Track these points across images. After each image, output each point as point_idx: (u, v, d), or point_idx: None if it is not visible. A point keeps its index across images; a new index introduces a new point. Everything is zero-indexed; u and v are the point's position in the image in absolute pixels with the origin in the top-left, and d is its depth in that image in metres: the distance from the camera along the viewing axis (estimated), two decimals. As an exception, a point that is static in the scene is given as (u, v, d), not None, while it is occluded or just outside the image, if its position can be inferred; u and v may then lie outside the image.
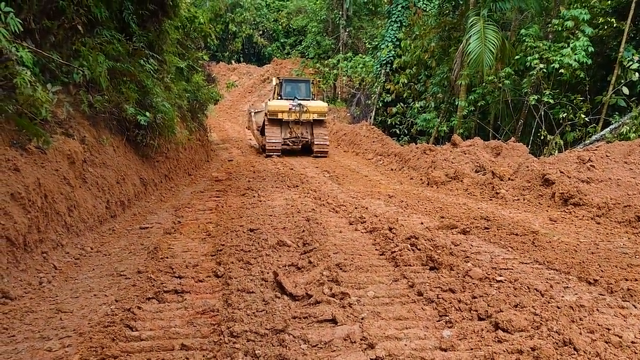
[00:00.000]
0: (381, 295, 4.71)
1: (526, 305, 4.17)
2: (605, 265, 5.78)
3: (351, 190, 12.39)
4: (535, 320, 3.86)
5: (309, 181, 13.79)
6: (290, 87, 22.21)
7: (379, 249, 6.38)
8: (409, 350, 3.51)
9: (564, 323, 3.83)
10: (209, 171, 17.10)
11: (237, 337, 3.75)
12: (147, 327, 4.07)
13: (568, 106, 16.39)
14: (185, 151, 16.34)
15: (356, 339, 3.66)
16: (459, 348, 3.58)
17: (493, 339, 3.66)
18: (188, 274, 5.53)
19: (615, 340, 3.55)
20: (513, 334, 3.71)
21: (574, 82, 16.77)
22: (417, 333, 3.85)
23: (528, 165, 11.37)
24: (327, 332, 3.80)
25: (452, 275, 5.19)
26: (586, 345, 3.40)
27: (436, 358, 3.42)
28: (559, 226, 8.13)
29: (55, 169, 7.21)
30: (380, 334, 3.79)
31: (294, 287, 4.65)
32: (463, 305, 4.30)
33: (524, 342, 3.53)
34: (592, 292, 4.85)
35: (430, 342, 3.68)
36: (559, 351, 3.36)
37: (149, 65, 12.19)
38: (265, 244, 6.54)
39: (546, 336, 3.61)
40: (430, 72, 23.44)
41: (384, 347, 3.55)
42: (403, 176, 15.80)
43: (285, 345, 3.59)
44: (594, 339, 3.52)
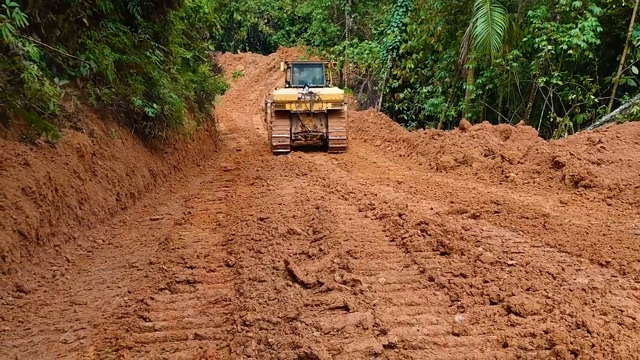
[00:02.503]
0: (392, 282, 4.71)
1: (538, 288, 4.16)
2: (617, 247, 5.75)
3: (360, 177, 12.39)
4: (548, 304, 3.86)
5: (317, 169, 13.78)
6: (301, 72, 19.82)
7: (389, 235, 6.38)
8: (421, 336, 3.51)
9: (576, 305, 3.82)
10: (217, 161, 17.14)
11: (249, 325, 3.77)
12: (161, 318, 4.10)
13: (577, 87, 16.26)
14: (193, 142, 16.38)
15: (368, 326, 3.67)
16: (472, 332, 3.58)
17: (506, 323, 3.65)
18: (199, 264, 5.55)
19: (628, 322, 3.54)
20: (526, 318, 3.70)
21: (582, 63, 16.64)
22: (429, 318, 3.85)
23: (537, 148, 11.31)
24: (339, 319, 3.81)
25: (463, 260, 5.19)
26: (599, 327, 3.39)
27: (449, 343, 3.43)
28: (569, 209, 8.10)
29: (65, 163, 7.24)
30: (392, 320, 3.79)
31: (305, 275, 4.66)
32: (475, 290, 4.30)
33: (537, 326, 3.53)
34: (605, 274, 4.83)
35: (443, 327, 3.68)
36: (572, 334, 3.35)
37: (155, 57, 12.20)
38: (276, 232, 6.55)
39: (559, 319, 3.60)
40: (437, 57, 23.29)
41: (397, 332, 3.56)
42: (412, 162, 15.77)
43: (297, 333, 3.60)
44: (607, 321, 3.50)
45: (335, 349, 3.33)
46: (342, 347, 3.35)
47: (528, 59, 17.87)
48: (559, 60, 16.72)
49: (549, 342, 3.27)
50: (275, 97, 17.66)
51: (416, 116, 24.23)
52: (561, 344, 3.19)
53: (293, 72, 19.64)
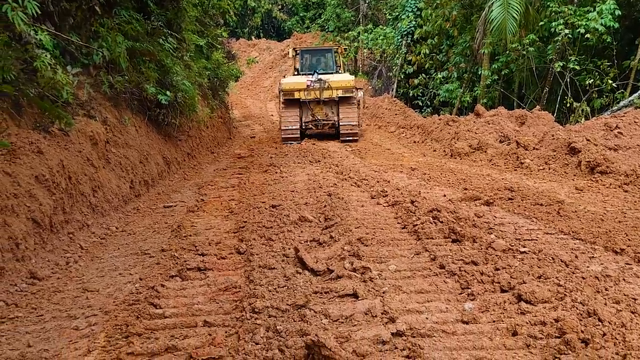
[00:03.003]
0: (403, 269, 4.69)
1: (550, 276, 4.12)
2: (633, 234, 5.68)
3: (373, 164, 12.34)
4: (559, 292, 3.82)
5: (330, 156, 13.75)
6: (310, 58, 19.10)
7: (401, 223, 6.35)
8: (430, 324, 3.50)
9: (588, 294, 3.78)
10: (231, 148, 17.18)
11: (258, 313, 3.78)
12: (171, 305, 4.12)
13: (594, 72, 16.01)
14: (207, 129, 16.41)
15: (377, 313, 3.66)
16: (481, 320, 3.56)
17: (516, 311, 3.62)
18: (211, 251, 5.57)
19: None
20: (536, 306, 3.67)
21: (600, 47, 16.37)
22: (439, 306, 3.83)
23: (553, 134, 11.17)
24: (348, 306, 3.81)
25: (475, 248, 5.15)
26: (611, 315, 3.35)
27: (458, 331, 3.41)
28: (585, 195, 8.00)
29: (78, 151, 7.29)
30: (401, 307, 3.78)
31: (315, 262, 4.66)
32: (485, 278, 4.26)
33: (547, 314, 3.50)
34: (619, 261, 4.77)
35: (452, 315, 3.66)
36: (583, 322, 3.31)
37: (168, 44, 12.21)
38: (287, 219, 6.55)
39: (570, 307, 3.56)
40: (452, 42, 23.02)
41: (405, 320, 3.54)
42: (426, 148, 15.68)
43: (306, 321, 3.60)
44: (619, 310, 3.46)
45: (344, 337, 3.32)
46: (350, 335, 3.34)
47: (545, 43, 17.61)
48: (577, 44, 16.46)
49: (559, 331, 3.24)
50: (284, 85, 17.01)
51: (431, 102, 24.01)
52: (572, 333, 3.16)
53: (302, 58, 19.00)
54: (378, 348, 3.21)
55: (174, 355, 3.29)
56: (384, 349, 3.20)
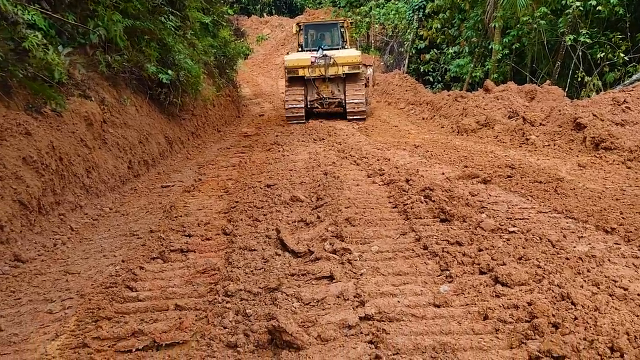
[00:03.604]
0: (385, 250, 4.60)
1: (531, 257, 4.01)
2: (628, 212, 5.53)
3: (378, 141, 12.21)
4: (538, 274, 3.71)
5: (337, 134, 13.63)
6: (314, 33, 18.07)
7: (393, 202, 6.26)
8: (400, 307, 3.42)
9: (567, 276, 3.67)
10: (239, 127, 17.11)
11: (231, 296, 3.73)
12: (147, 288, 4.09)
13: (606, 45, 15.61)
14: (214, 108, 16.34)
15: (349, 296, 3.59)
16: (454, 304, 3.47)
17: (491, 294, 3.53)
18: (198, 232, 5.53)
19: (619, 293, 3.38)
20: (513, 288, 3.57)
21: (613, 19, 15.94)
22: (414, 289, 3.75)
23: (560, 109, 10.93)
24: (322, 289, 3.74)
25: (463, 227, 5.04)
26: (585, 299, 3.24)
27: (428, 315, 3.32)
28: (587, 172, 7.83)
29: (71, 132, 7.26)
30: (375, 290, 3.70)
31: (296, 243, 4.59)
32: (467, 259, 4.17)
33: (522, 297, 3.40)
34: (608, 241, 4.64)
35: (425, 298, 3.57)
36: (555, 306, 3.21)
37: (170, 23, 12.10)
38: (279, 199, 6.49)
39: (546, 290, 3.46)
40: (464, 16, 22.62)
41: (376, 304, 3.47)
42: (434, 125, 15.48)
43: (277, 304, 3.55)
44: (594, 292, 3.35)
45: (310, 321, 3.26)
46: (316, 319, 3.28)
47: (557, 16, 17.21)
48: (589, 17, 16.05)
49: (530, 315, 3.15)
50: (287, 62, 16.28)
51: (442, 78, 23.69)
52: (542, 317, 3.07)
53: (306, 33, 17.93)
54: (344, 333, 3.15)
55: (138, 339, 3.26)
56: (349, 334, 3.13)
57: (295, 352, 2.94)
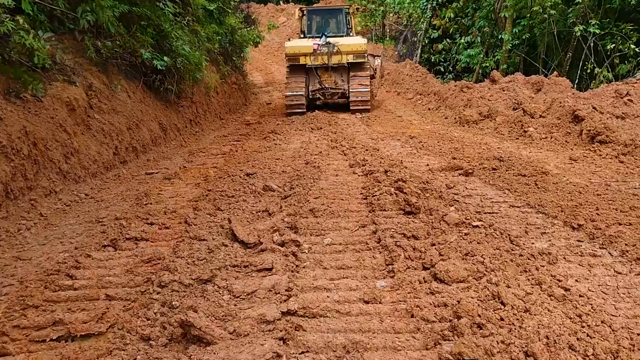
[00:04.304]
0: (337, 243, 4.47)
1: (478, 254, 3.85)
2: (605, 208, 5.33)
3: (376, 131, 12.04)
4: (479, 271, 3.56)
5: (337, 123, 13.49)
6: (317, 19, 17.04)
7: (364, 193, 6.11)
8: (327, 303, 3.29)
9: (510, 274, 3.52)
10: (243, 115, 17.03)
11: (163, 287, 3.64)
12: (86, 276, 4.01)
13: (617, 36, 15.18)
14: (217, 95, 16.26)
15: (280, 290, 3.48)
16: (384, 300, 3.34)
17: (425, 291, 3.39)
18: (160, 220, 5.45)
19: (558, 294, 3.22)
20: (450, 285, 3.43)
21: (626, 9, 15.50)
22: (350, 284, 3.62)
23: (561, 101, 10.65)
24: (255, 282, 3.63)
25: (426, 221, 4.89)
26: (517, 299, 3.08)
27: (353, 311, 3.20)
28: (576, 166, 7.60)
29: (51, 117, 7.21)
30: (309, 284, 3.59)
31: (247, 234, 4.48)
32: (416, 254, 4.02)
33: (454, 295, 3.26)
34: (571, 238, 4.46)
35: (357, 294, 3.44)
36: (483, 305, 3.07)
37: (168, 9, 12.02)
38: (251, 188, 6.38)
39: (482, 288, 3.31)
40: (477, 5, 22.21)
41: (304, 298, 3.35)
42: (438, 115, 15.24)
43: (205, 296, 3.45)
44: (529, 292, 3.19)
45: (231, 315, 3.16)
46: (237, 313, 3.18)
47: (569, 6, 16.79)
48: (601, 7, 15.62)
49: (455, 314, 3.00)
50: (287, 49, 15.36)
51: (453, 68, 23.32)
52: (466, 317, 2.93)
53: (309, 19, 16.90)
54: (260, 328, 3.04)
55: (54, 329, 3.18)
56: (265, 330, 3.02)
57: (203, 347, 2.84)
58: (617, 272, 3.71)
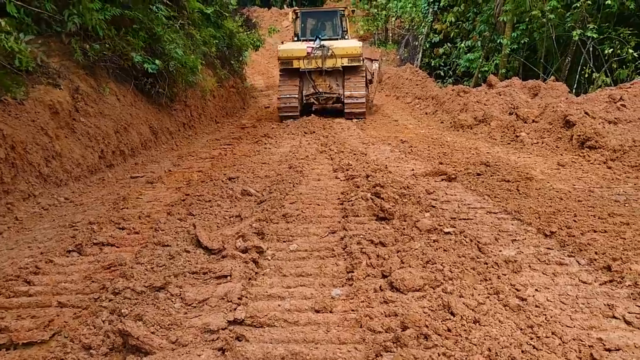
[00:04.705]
0: (303, 249, 4.40)
1: (438, 262, 3.76)
2: (583, 214, 5.23)
3: (370, 136, 11.96)
4: (437, 279, 3.47)
5: (332, 127, 13.44)
6: (311, 22, 16.72)
7: (342, 199, 6.03)
8: (276, 312, 3.21)
9: (468, 283, 3.43)
10: (240, 119, 16.99)
11: (117, 294, 3.57)
12: (43, 282, 3.95)
13: (615, 41, 15.02)
14: (214, 99, 16.22)
15: (233, 298, 3.40)
16: (335, 310, 3.26)
17: (379, 300, 3.31)
18: (132, 225, 5.39)
19: (514, 304, 3.14)
20: (406, 294, 3.34)
21: (626, 14, 15.34)
22: (306, 292, 3.54)
23: (554, 106, 10.55)
24: (209, 289, 3.55)
25: (398, 227, 4.80)
26: (468, 309, 3.00)
27: (301, 321, 3.12)
28: (563, 171, 7.50)
29: (32, 120, 7.18)
30: (262, 292, 3.51)
31: (211, 240, 4.41)
32: (379, 261, 3.94)
33: (407, 305, 3.17)
34: (541, 245, 4.37)
35: (310, 303, 3.36)
36: (433, 316, 2.98)
37: (161, 12, 12.00)
38: (229, 193, 6.32)
39: (436, 298, 3.23)
40: (479, 9, 22.08)
41: (255, 307, 3.28)
42: (435, 120, 15.14)
43: (156, 304, 3.38)
44: (481, 302, 3.11)
45: (176, 324, 3.09)
46: (182, 322, 3.10)
47: (568, 10, 16.65)
48: (600, 11, 15.47)
49: (402, 325, 2.92)
50: (280, 52, 15.02)
51: (454, 72, 23.19)
52: (413, 327, 2.84)
53: (303, 22, 16.56)
54: (203, 338, 2.96)
55: (-4, 337, 3.12)
56: (208, 339, 2.94)
57: (141, 357, 2.77)
58: (581, 282, 3.61)
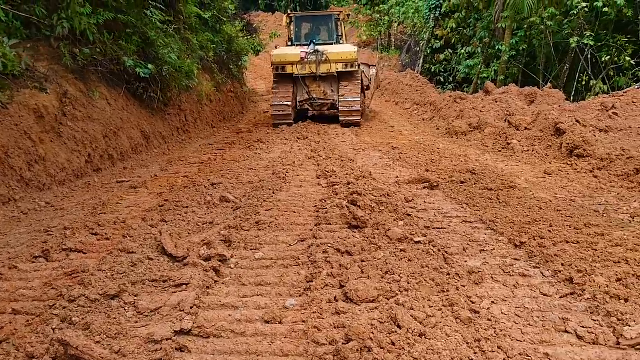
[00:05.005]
0: (268, 257, 4.36)
1: (397, 272, 3.71)
2: (558, 224, 5.17)
3: (363, 142, 11.92)
4: (392, 290, 3.42)
5: (327, 133, 13.42)
6: (306, 26, 16.34)
7: (318, 206, 5.99)
8: (225, 322, 3.18)
9: (423, 294, 3.39)
10: (237, 123, 17.00)
11: (72, 302, 3.54)
12: (3, 289, 3.93)
13: (612, 48, 14.93)
14: (211, 103, 16.22)
15: (185, 307, 3.36)
16: (285, 320, 3.22)
17: (331, 311, 3.27)
18: (105, 230, 5.37)
19: (465, 316, 3.09)
20: (360, 305, 3.30)
21: (624, 21, 15.26)
22: (260, 302, 3.50)
23: (546, 114, 10.47)
24: (164, 298, 3.52)
25: (368, 236, 4.76)
26: (415, 322, 2.95)
27: (248, 331, 3.08)
28: (548, 180, 7.44)
29: (15, 124, 7.19)
30: (216, 302, 3.48)
31: (176, 248, 4.38)
32: (340, 271, 3.89)
33: (357, 316, 3.13)
34: (508, 256, 4.31)
35: (261, 313, 3.32)
36: (379, 328, 2.94)
37: (155, 17, 12.03)
38: (206, 199, 6.29)
39: (387, 309, 3.18)
40: (479, 16, 22.03)
41: (205, 316, 3.25)
42: (431, 126, 15.08)
43: (107, 313, 3.35)
44: (431, 315, 3.06)
45: (122, 333, 3.05)
46: (129, 332, 3.07)
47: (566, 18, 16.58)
48: (598, 19, 15.39)
49: (346, 337, 2.88)
50: (274, 57, 14.61)
51: (454, 78, 23.14)
52: (356, 340, 2.80)
53: (297, 26, 16.12)
54: (146, 348, 2.93)
55: (-61, 345, 3.10)
56: (150, 350, 2.91)
57: (80, 368, 2.74)
58: (541, 294, 3.56)
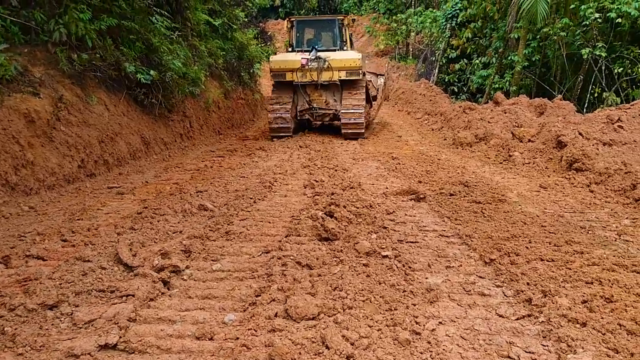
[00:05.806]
0: (225, 269, 4.24)
1: (345, 288, 3.57)
2: (538, 241, 4.98)
3: (365, 151, 11.78)
4: (335, 308, 3.28)
5: (331, 142, 13.35)
6: (308, 31, 15.44)
7: (295, 216, 5.86)
8: (154, 337, 3.06)
9: (367, 312, 3.24)
10: (246, 130, 16.97)
11: (11, 310, 3.46)
12: (-49, 296, 3.87)
13: (626, 60, 14.59)
14: (218, 110, 16.20)
15: (120, 320, 3.26)
16: (216, 337, 3.09)
17: (268, 328, 3.13)
18: (75, 237, 5.30)
19: (403, 338, 2.93)
20: (299, 323, 3.17)
21: (639, 33, 14.90)
22: (199, 316, 3.37)
23: (550, 126, 10.23)
24: (102, 309, 3.42)
25: (336, 249, 4.62)
26: (345, 343, 2.80)
27: (174, 348, 2.96)
28: (542, 194, 7.22)
29: (3, 128, 7.19)
30: (153, 315, 3.36)
31: (132, 257, 4.29)
32: (291, 286, 3.76)
33: (291, 334, 2.99)
34: (474, 274, 4.14)
35: (194, 328, 3.19)
36: (306, 348, 2.80)
37: (160, 23, 12.06)
38: (183, 207, 6.19)
39: (323, 328, 3.04)
40: (495, 26, 21.76)
41: (136, 330, 3.13)
42: (439, 136, 14.86)
43: (40, 323, 3.26)
44: (365, 336, 2.91)
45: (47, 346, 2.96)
46: (54, 345, 2.97)
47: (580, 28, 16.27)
48: (612, 29, 15.06)
49: (269, 358, 2.74)
50: (272, 64, 13.70)
51: (468, 89, 22.87)
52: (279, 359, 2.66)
53: (298, 31, 15.18)
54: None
55: None
56: (69, 364, 2.81)
57: (-10, 382, 2.65)
58: (497, 315, 3.39)
